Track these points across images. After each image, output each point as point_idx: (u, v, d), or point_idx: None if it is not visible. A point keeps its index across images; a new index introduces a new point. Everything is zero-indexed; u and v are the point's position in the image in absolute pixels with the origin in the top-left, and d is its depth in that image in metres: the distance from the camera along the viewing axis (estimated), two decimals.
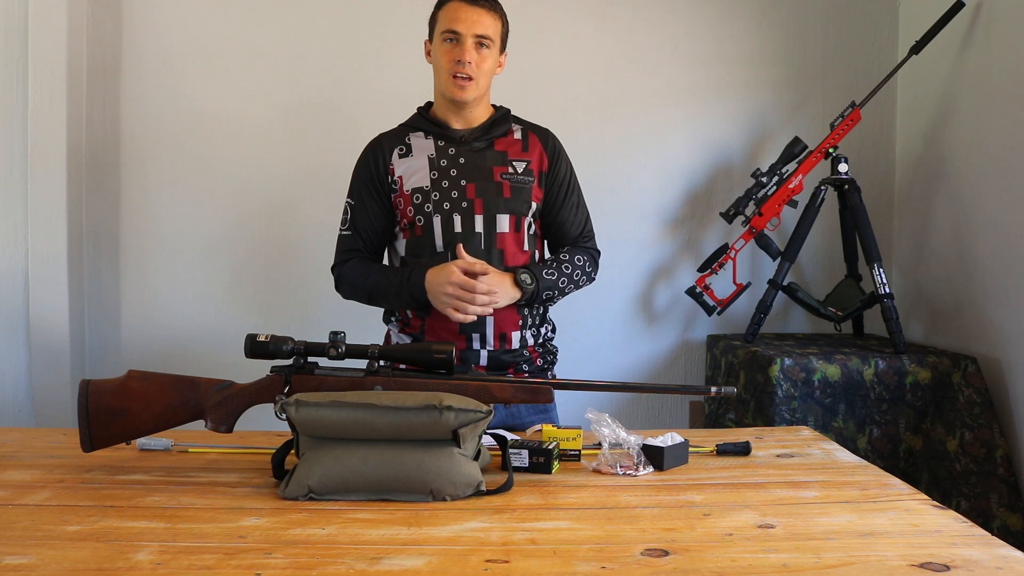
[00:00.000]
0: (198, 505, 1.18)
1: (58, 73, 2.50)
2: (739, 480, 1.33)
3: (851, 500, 1.24)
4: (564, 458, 1.41)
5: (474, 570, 0.96)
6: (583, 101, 2.77)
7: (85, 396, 1.31)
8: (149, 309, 2.72)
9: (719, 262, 2.59)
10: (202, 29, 2.69)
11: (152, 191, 2.71)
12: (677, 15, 2.79)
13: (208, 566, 0.96)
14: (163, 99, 2.70)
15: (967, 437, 2.24)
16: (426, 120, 1.84)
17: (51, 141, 2.51)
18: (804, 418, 2.25)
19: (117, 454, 1.43)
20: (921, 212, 2.70)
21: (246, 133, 2.71)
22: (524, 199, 1.80)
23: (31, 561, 0.97)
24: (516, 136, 1.85)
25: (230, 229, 2.73)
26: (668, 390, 1.67)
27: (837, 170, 2.51)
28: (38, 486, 1.27)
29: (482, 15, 1.75)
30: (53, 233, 2.53)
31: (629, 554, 1.01)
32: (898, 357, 2.32)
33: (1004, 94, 2.29)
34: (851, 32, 2.82)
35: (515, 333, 1.78)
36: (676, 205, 2.81)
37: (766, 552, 1.02)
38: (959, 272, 2.49)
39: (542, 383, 1.38)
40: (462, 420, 1.21)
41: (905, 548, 1.04)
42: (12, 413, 2.58)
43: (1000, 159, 2.30)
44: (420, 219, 1.77)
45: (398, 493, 1.21)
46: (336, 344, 1.33)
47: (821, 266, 2.84)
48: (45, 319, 2.54)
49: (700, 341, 2.83)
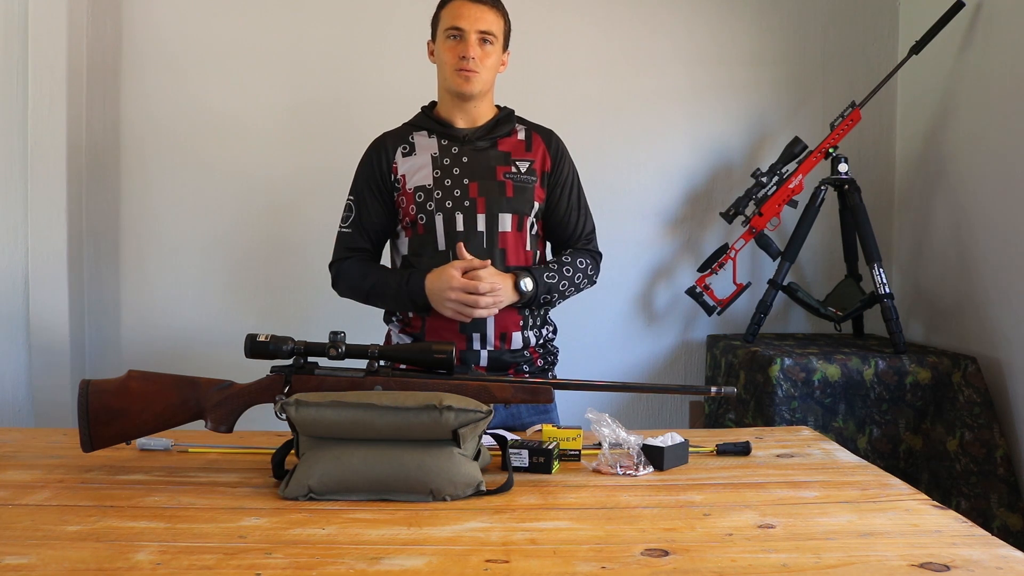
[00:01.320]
0: (198, 505, 1.18)
1: (58, 73, 2.50)
2: (739, 480, 1.33)
3: (851, 500, 1.24)
4: (564, 458, 1.41)
5: (474, 570, 0.96)
6: (583, 101, 2.77)
7: (85, 396, 1.31)
8: (149, 309, 2.72)
9: (719, 262, 2.59)
10: (202, 29, 2.69)
11: (152, 191, 2.71)
12: (677, 15, 2.79)
13: (208, 566, 0.96)
14: (163, 99, 2.70)
15: (967, 437, 2.24)
16: (430, 119, 1.84)
17: (51, 141, 2.51)
18: (804, 418, 2.25)
19: (117, 454, 1.43)
20: (921, 212, 2.70)
21: (246, 133, 2.71)
22: (527, 199, 1.80)
23: (31, 561, 0.97)
24: (520, 136, 1.85)
25: (230, 229, 2.73)
26: (668, 390, 1.67)
27: (837, 170, 2.51)
28: (38, 486, 1.27)
29: (485, 12, 1.76)
30: (53, 233, 2.53)
31: (629, 554, 1.01)
32: (898, 357, 2.32)
33: (1004, 94, 2.29)
34: (851, 32, 2.82)
35: (516, 333, 1.77)
36: (676, 205, 2.81)
37: (766, 552, 1.02)
38: (959, 272, 2.49)
39: (542, 383, 1.38)
40: (462, 420, 1.21)
41: (905, 548, 1.04)
42: (12, 413, 2.58)
43: (1000, 159, 2.30)
44: (422, 217, 1.77)
45: (398, 493, 1.21)
46: (336, 344, 1.33)
47: (821, 266, 2.84)
48: (45, 319, 2.54)
49: (700, 341, 2.83)
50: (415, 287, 1.71)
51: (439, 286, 1.67)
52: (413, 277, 1.72)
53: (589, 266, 1.86)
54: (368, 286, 1.80)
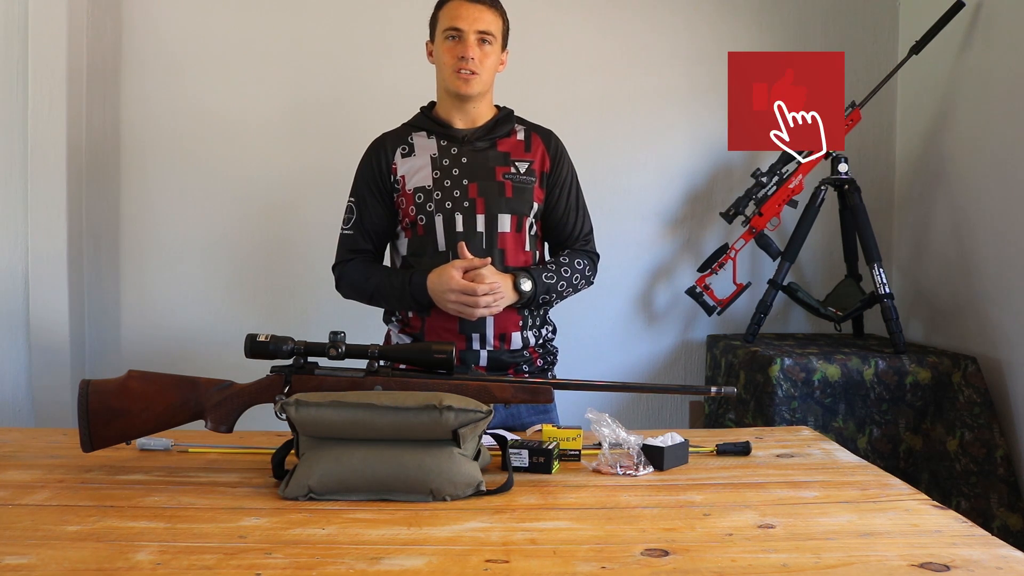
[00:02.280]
0: (198, 505, 1.18)
1: (58, 73, 2.50)
2: (739, 480, 1.33)
3: (851, 500, 1.24)
4: (564, 458, 1.41)
5: (474, 570, 0.96)
6: (583, 101, 2.77)
7: (85, 396, 1.31)
8: (149, 309, 2.72)
9: (719, 262, 2.59)
10: (202, 29, 2.69)
11: (152, 191, 2.71)
12: (677, 15, 2.79)
13: (208, 566, 0.96)
14: (163, 99, 2.70)
15: (967, 437, 2.24)
16: (429, 119, 1.84)
17: (51, 141, 2.51)
18: (804, 418, 2.25)
19: (117, 454, 1.43)
20: (921, 212, 2.70)
21: (246, 133, 2.71)
22: (526, 199, 1.80)
23: (31, 561, 0.97)
24: (519, 137, 1.85)
25: (230, 229, 2.72)
26: (668, 390, 1.68)
27: (837, 170, 2.51)
28: (38, 486, 1.27)
29: (483, 12, 1.76)
30: (53, 233, 2.53)
31: (629, 554, 1.01)
32: (898, 357, 2.32)
33: (1004, 94, 2.29)
34: (851, 32, 2.82)
35: (515, 334, 1.77)
36: (676, 205, 2.81)
37: (766, 552, 1.02)
38: (959, 272, 2.49)
39: (542, 383, 1.38)
40: (462, 420, 1.21)
41: (905, 548, 1.04)
42: (12, 413, 2.58)
43: (1000, 159, 2.30)
44: (422, 218, 1.77)
45: (398, 493, 1.21)
46: (336, 344, 1.33)
47: (821, 266, 2.84)
48: (45, 319, 2.54)
49: (700, 341, 2.83)
50: (417, 287, 1.72)
51: (439, 287, 1.68)
52: (415, 277, 1.73)
53: (587, 267, 1.86)
54: (371, 287, 1.80)
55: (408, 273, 1.75)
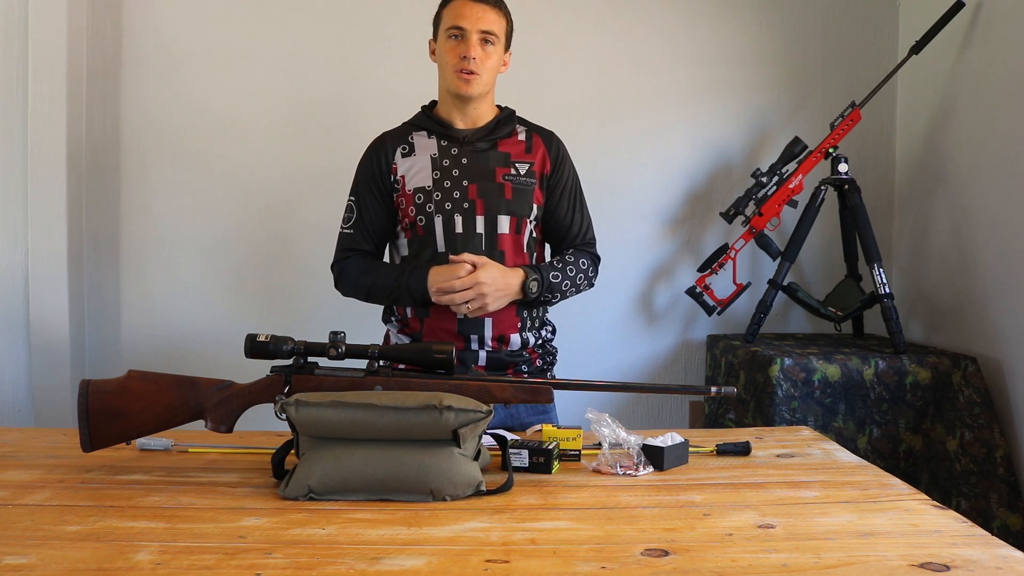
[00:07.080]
0: (198, 505, 1.18)
1: (58, 73, 2.50)
2: (739, 480, 1.33)
3: (851, 500, 1.24)
4: (564, 458, 1.41)
5: (474, 570, 0.96)
6: (583, 101, 2.77)
7: (85, 396, 1.31)
8: (149, 309, 2.72)
9: (719, 262, 2.59)
10: (202, 29, 2.70)
11: (152, 191, 2.71)
12: (677, 15, 2.79)
13: (208, 566, 0.96)
14: (163, 99, 2.70)
15: (967, 437, 2.24)
16: (430, 119, 1.84)
17: (51, 141, 2.51)
18: (804, 418, 2.25)
19: (117, 454, 1.43)
20: (921, 212, 2.70)
21: (246, 133, 2.71)
22: (526, 201, 1.80)
23: (31, 561, 0.97)
24: (520, 137, 1.85)
25: (230, 229, 2.73)
26: (668, 390, 1.67)
27: (837, 170, 2.51)
28: (38, 486, 1.26)
29: (487, 11, 1.76)
30: (53, 233, 2.53)
31: (629, 554, 1.01)
32: (898, 357, 2.32)
33: (1004, 94, 2.29)
34: (851, 32, 2.82)
35: (514, 335, 1.77)
36: (676, 205, 2.81)
37: (766, 552, 1.02)
38: (959, 272, 2.49)
39: (542, 383, 1.38)
40: (462, 420, 1.21)
41: (905, 548, 1.04)
42: (12, 413, 2.58)
43: (1000, 159, 2.30)
44: (422, 219, 1.77)
45: (398, 493, 1.21)
46: (336, 344, 1.33)
47: (821, 266, 2.84)
48: (45, 319, 2.54)
49: (700, 341, 2.83)
50: (416, 282, 1.72)
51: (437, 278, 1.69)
52: (415, 272, 1.73)
53: (590, 267, 1.86)
54: (369, 282, 1.80)
55: (407, 267, 1.76)
